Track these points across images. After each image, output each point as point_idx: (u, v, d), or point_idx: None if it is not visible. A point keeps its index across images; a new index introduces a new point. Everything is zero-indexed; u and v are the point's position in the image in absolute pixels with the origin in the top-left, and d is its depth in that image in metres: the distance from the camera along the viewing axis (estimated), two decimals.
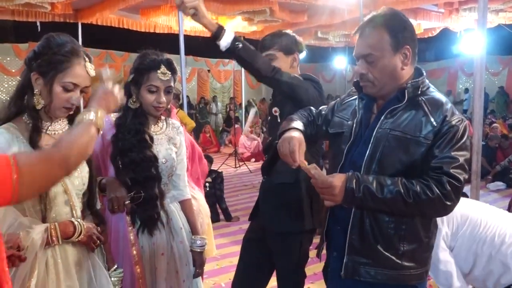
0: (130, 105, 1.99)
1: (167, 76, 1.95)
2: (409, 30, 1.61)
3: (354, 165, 1.63)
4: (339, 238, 1.68)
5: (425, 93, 1.62)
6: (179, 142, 2.14)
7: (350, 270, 1.64)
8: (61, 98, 1.58)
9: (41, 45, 1.60)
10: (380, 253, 1.60)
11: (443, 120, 1.54)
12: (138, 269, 1.96)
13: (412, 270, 1.62)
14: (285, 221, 2.25)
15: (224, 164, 9.55)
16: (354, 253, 1.63)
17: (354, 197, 1.52)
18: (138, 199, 1.95)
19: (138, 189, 1.95)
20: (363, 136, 1.66)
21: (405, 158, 1.56)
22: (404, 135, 1.56)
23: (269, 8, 8.43)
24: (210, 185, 5.63)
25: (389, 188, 1.51)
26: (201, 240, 2.14)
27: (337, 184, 1.52)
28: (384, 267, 1.61)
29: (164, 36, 9.25)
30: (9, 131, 1.56)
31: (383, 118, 1.61)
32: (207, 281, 3.78)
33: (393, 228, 1.59)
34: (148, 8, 8.44)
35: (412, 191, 1.50)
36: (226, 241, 4.96)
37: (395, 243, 1.59)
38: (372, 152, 1.60)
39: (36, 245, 1.52)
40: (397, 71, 1.60)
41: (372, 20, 1.61)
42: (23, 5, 7.56)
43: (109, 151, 1.99)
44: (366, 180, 1.53)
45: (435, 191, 1.49)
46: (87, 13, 8.67)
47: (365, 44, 1.60)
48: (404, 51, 1.59)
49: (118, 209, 1.91)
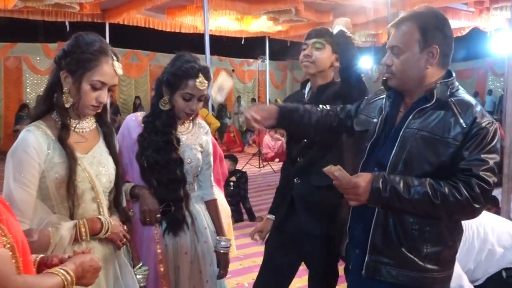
0: (161, 106, 2.00)
1: (204, 85, 1.96)
2: (443, 32, 1.61)
3: (379, 164, 1.63)
4: (361, 236, 1.67)
5: (455, 95, 1.61)
6: (205, 142, 2.14)
7: (371, 269, 1.63)
8: (89, 96, 1.60)
9: (70, 44, 1.62)
10: (403, 254, 1.58)
11: (472, 121, 1.53)
12: (162, 267, 1.98)
13: (435, 273, 1.60)
14: (327, 224, 2.21)
15: (248, 164, 9.56)
16: (376, 252, 1.62)
17: (380, 197, 1.52)
18: (168, 212, 1.99)
19: (163, 190, 1.98)
20: (388, 135, 1.66)
21: (433, 159, 1.54)
22: (432, 136, 1.55)
23: (294, 8, 8.40)
24: (234, 185, 5.64)
25: (416, 188, 1.50)
26: (225, 241, 2.13)
27: (362, 184, 1.52)
28: (407, 268, 1.59)
29: (189, 36, 9.33)
30: (38, 128, 1.59)
31: (411, 118, 1.60)
32: (230, 280, 3.79)
33: (417, 229, 1.57)
34: (174, 8, 8.53)
35: (440, 192, 1.49)
36: (250, 241, 4.89)
37: (419, 245, 1.58)
38: (399, 152, 1.59)
39: (65, 241, 1.54)
40: (420, 68, 1.60)
41: (409, 15, 1.63)
42: (52, 5, 7.74)
43: (134, 149, 2.00)
44: (392, 180, 1.52)
45: (464, 193, 1.47)
46: (114, 13, 8.82)
47: (395, 37, 1.63)
48: (431, 50, 1.58)
49: (150, 222, 1.96)
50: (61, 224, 1.56)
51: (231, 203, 5.37)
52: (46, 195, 1.58)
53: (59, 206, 1.59)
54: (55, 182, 1.57)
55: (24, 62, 12.46)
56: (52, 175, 1.56)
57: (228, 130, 13.00)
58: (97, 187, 1.66)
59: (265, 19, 9.50)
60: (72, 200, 1.59)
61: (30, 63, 12.52)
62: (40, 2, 7.49)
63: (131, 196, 1.98)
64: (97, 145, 1.71)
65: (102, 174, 1.68)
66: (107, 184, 1.71)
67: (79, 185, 1.60)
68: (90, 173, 1.64)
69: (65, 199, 1.59)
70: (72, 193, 1.58)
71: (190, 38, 8.44)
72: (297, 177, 2.31)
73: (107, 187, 1.71)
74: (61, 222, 1.57)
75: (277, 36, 11.61)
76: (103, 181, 1.69)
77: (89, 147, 1.69)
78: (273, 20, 9.56)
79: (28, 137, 1.56)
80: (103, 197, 1.69)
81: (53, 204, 1.59)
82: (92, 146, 1.70)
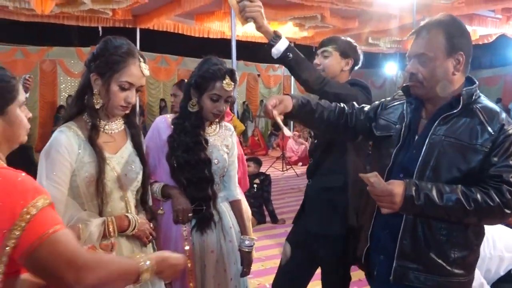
0: (190, 108, 2.04)
1: (230, 87, 2.00)
2: (466, 38, 1.61)
3: (405, 171, 1.61)
4: (387, 242, 1.65)
5: (478, 101, 1.60)
6: (231, 144, 2.17)
7: (399, 275, 1.62)
8: (118, 97, 1.64)
9: (99, 47, 1.67)
10: (431, 259, 1.58)
11: (500, 128, 1.53)
12: (190, 263, 2.01)
13: (461, 278, 1.60)
14: (331, 224, 2.23)
15: (271, 167, 9.56)
16: (404, 258, 1.61)
17: (414, 204, 1.50)
18: (200, 211, 2.03)
19: (193, 189, 2.01)
20: (412, 141, 1.64)
21: (462, 165, 1.54)
22: (460, 142, 1.54)
23: (320, 14, 8.38)
24: (257, 187, 5.65)
25: (448, 195, 1.50)
26: (249, 241, 2.17)
27: (398, 192, 1.50)
28: (434, 273, 1.58)
29: (216, 41, 9.39)
30: (70, 129, 1.63)
31: (436, 124, 1.59)
32: (252, 281, 3.79)
33: (445, 234, 1.57)
34: (202, 14, 8.61)
35: (472, 199, 1.49)
36: (272, 243, 4.95)
37: (447, 250, 1.58)
38: (426, 158, 1.57)
39: (94, 237, 1.59)
40: (447, 75, 1.59)
41: (430, 23, 1.61)
42: (86, 11, 7.92)
43: (164, 150, 2.04)
44: (425, 188, 1.51)
45: (495, 200, 1.48)
46: (145, 19, 8.98)
47: (420, 45, 1.60)
48: (457, 57, 1.58)
49: (182, 220, 2.01)
50: (91, 220, 1.60)
51: (254, 205, 5.39)
52: (77, 193, 1.62)
53: (89, 203, 1.64)
54: (85, 180, 1.61)
55: (59, 65, 12.79)
56: (83, 174, 1.61)
57: (252, 134, 13.04)
58: (124, 186, 1.70)
59: (291, 25, 9.49)
60: (101, 198, 1.63)
61: (65, 66, 12.83)
62: (75, 8, 7.68)
63: (162, 196, 2.02)
64: (125, 146, 1.75)
65: (129, 174, 1.72)
66: (134, 183, 1.75)
67: (107, 184, 1.64)
68: (118, 172, 1.68)
69: (94, 197, 1.63)
70: (101, 191, 1.62)
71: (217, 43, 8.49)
72: (309, 178, 2.36)
73: (134, 186, 1.75)
74: (91, 219, 1.61)
75: (303, 42, 11.58)
76: (131, 180, 1.72)
77: (118, 147, 1.73)
78: (299, 26, 9.55)
79: (60, 138, 1.61)
80: (130, 195, 1.73)
81: (83, 201, 1.63)
82: (121, 146, 1.74)
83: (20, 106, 1.21)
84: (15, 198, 1.05)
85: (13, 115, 1.19)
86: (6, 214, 1.04)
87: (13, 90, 1.18)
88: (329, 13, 8.37)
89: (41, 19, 8.46)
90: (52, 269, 1.07)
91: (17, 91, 1.19)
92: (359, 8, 7.80)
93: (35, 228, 1.05)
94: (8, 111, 1.18)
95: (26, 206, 1.05)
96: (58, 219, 1.12)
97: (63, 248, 1.08)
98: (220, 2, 7.54)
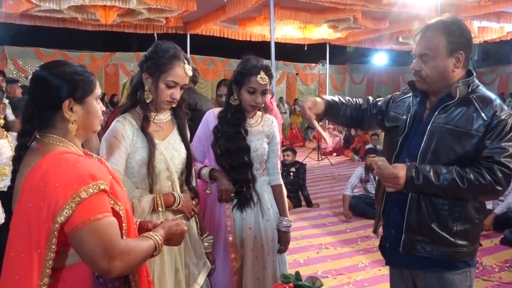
0: (231, 102, 2.10)
1: (265, 80, 2.03)
2: (466, 38, 1.61)
3: (410, 155, 1.65)
4: (396, 218, 1.69)
5: (475, 91, 1.62)
6: (271, 134, 2.19)
7: (407, 246, 1.66)
8: (164, 93, 1.73)
9: (150, 51, 1.76)
10: (435, 232, 1.61)
11: (493, 114, 1.55)
12: (231, 237, 2.08)
13: (465, 248, 1.62)
14: None
15: (308, 157, 9.55)
16: (411, 231, 1.64)
17: (414, 184, 1.55)
18: (240, 192, 2.10)
19: (234, 173, 2.08)
20: (417, 129, 1.67)
21: (458, 149, 1.57)
22: (457, 128, 1.57)
23: (352, 16, 8.26)
24: (294, 174, 5.68)
25: (444, 176, 1.53)
26: (287, 221, 2.19)
27: (402, 175, 1.55)
28: (439, 244, 1.61)
29: (258, 44, 9.44)
30: (125, 119, 1.75)
31: (437, 113, 1.62)
32: (288, 257, 3.83)
33: (447, 210, 1.60)
34: (245, 19, 8.70)
35: (466, 178, 1.52)
36: (306, 224, 4.99)
37: (449, 223, 1.60)
38: (427, 143, 1.61)
39: (145, 211, 1.69)
40: (447, 72, 1.61)
41: (433, 24, 1.62)
42: (143, 20, 8.22)
43: (210, 139, 2.12)
44: (423, 169, 1.55)
45: (487, 178, 1.51)
46: (194, 25, 9.18)
47: (423, 45, 1.62)
48: (457, 56, 1.59)
49: (226, 199, 2.08)
50: (143, 197, 1.71)
51: (291, 191, 5.43)
52: (132, 173, 1.73)
53: (141, 182, 1.74)
54: (138, 163, 1.72)
55: (120, 68, 13.31)
56: (136, 157, 1.72)
57: (291, 127, 13.04)
58: (171, 168, 1.79)
59: (326, 27, 9.41)
60: (151, 178, 1.73)
61: (126, 69, 13.31)
62: (134, 17, 7.96)
63: (210, 178, 2.10)
64: (171, 134, 1.84)
65: (175, 158, 1.81)
66: (179, 166, 1.83)
67: (157, 166, 1.74)
68: (165, 156, 1.77)
69: (146, 177, 1.73)
70: (151, 172, 1.72)
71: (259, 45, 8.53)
72: None
73: (179, 168, 1.84)
74: (143, 195, 1.72)
75: (337, 42, 11.46)
76: (176, 163, 1.81)
77: (165, 135, 1.82)
78: (333, 28, 9.46)
79: (117, 126, 1.72)
80: (175, 176, 1.81)
81: (137, 180, 1.74)
82: (168, 134, 1.83)
83: (96, 99, 1.27)
84: (70, 181, 1.08)
85: (90, 105, 1.24)
86: (60, 195, 1.07)
87: (91, 84, 1.25)
88: (361, 15, 8.25)
89: (105, 28, 8.83)
90: (90, 253, 1.08)
91: (94, 85, 1.26)
92: (388, 10, 7.63)
93: (81, 212, 1.07)
94: (87, 101, 1.23)
95: (79, 190, 1.07)
96: (105, 206, 1.12)
97: (102, 236, 1.08)
98: (261, 9, 7.59)
